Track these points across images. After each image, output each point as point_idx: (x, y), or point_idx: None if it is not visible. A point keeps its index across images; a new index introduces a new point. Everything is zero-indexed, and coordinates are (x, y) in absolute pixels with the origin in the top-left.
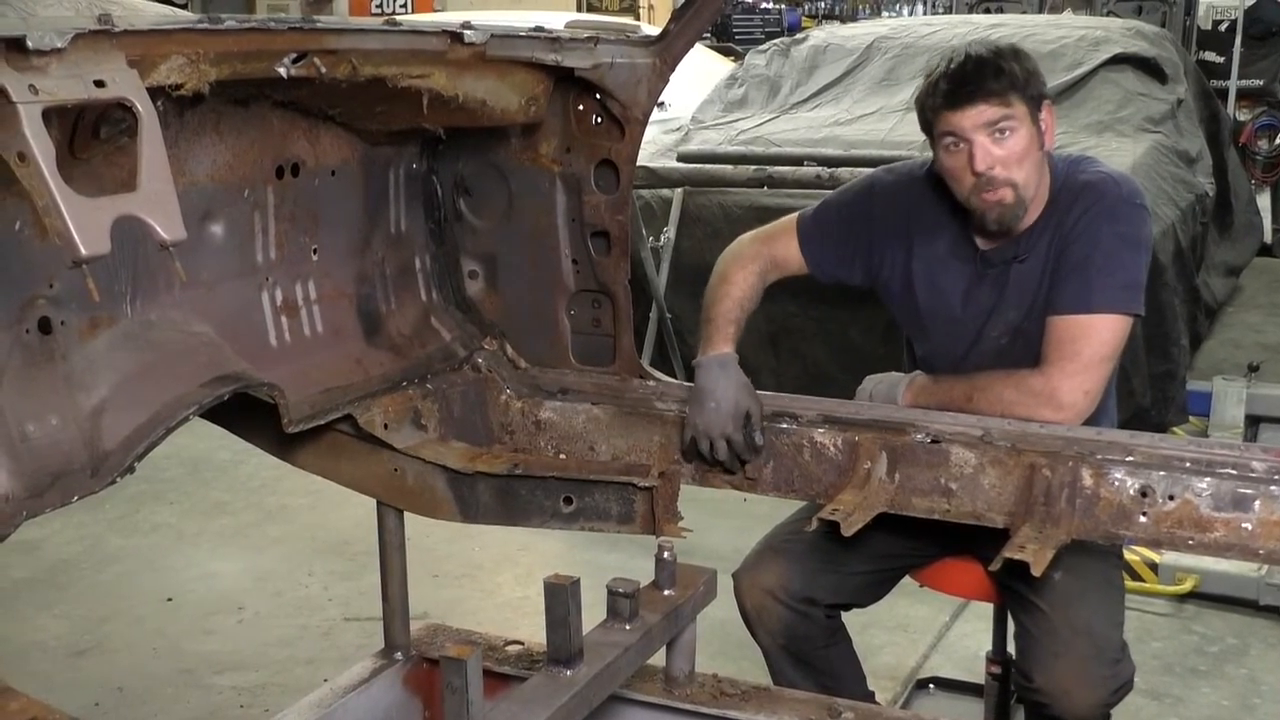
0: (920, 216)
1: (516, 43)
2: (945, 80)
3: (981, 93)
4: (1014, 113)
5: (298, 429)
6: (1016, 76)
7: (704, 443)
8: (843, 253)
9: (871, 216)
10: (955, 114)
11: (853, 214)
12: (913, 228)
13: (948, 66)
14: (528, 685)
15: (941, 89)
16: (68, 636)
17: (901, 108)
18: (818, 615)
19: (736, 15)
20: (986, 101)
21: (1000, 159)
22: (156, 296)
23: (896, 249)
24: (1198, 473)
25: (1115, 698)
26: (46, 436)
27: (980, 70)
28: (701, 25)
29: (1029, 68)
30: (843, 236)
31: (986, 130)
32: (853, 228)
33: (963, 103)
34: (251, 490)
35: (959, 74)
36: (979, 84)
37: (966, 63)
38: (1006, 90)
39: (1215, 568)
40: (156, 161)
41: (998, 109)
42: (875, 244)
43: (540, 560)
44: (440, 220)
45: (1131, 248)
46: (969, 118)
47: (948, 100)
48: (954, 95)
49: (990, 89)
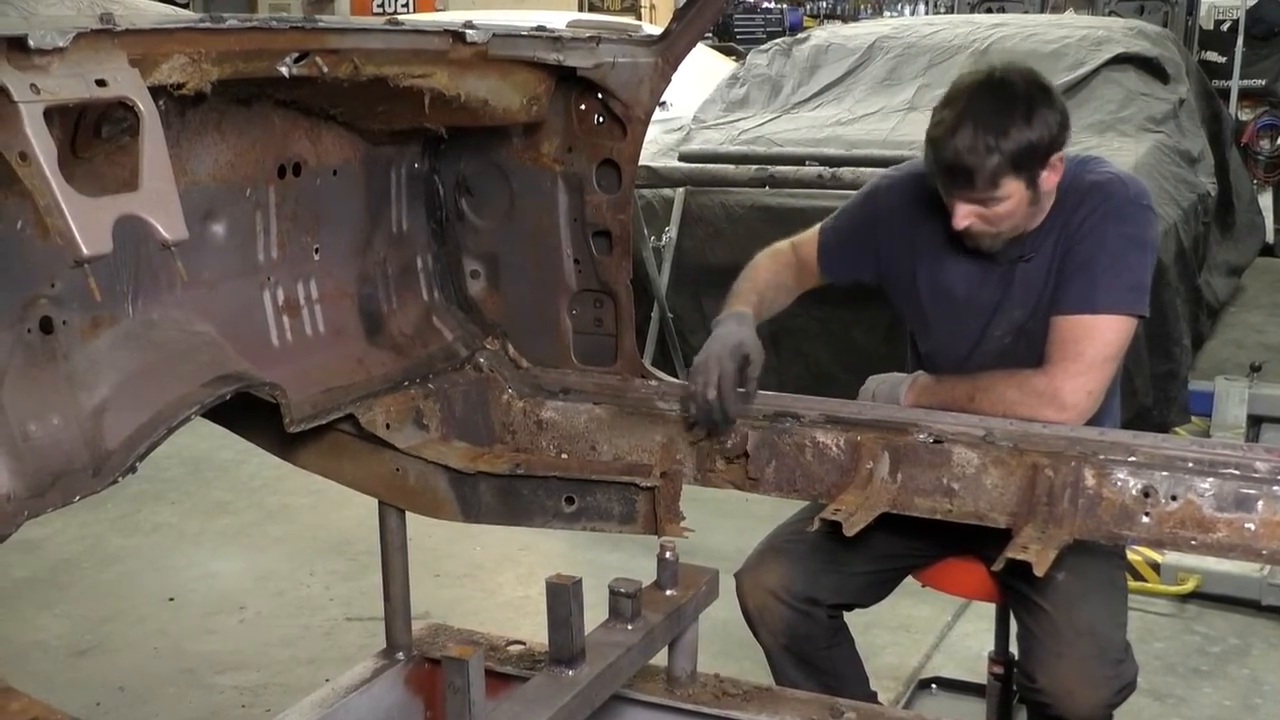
0: (922, 216)
1: (518, 42)
2: (938, 142)
3: (966, 182)
4: (1002, 194)
5: (299, 429)
6: (1010, 157)
7: (696, 379)
8: (855, 256)
9: (877, 217)
10: (940, 184)
11: (861, 217)
12: (916, 226)
13: (950, 120)
14: (530, 685)
15: (933, 152)
16: (69, 636)
17: (903, 107)
18: (820, 615)
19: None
20: (972, 189)
21: (982, 218)
22: (158, 296)
23: (901, 247)
24: (1200, 473)
25: (1118, 698)
26: (48, 436)
27: (970, 157)
28: (703, 25)
29: (1033, 134)
30: (854, 241)
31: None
32: (862, 230)
33: (947, 182)
34: (253, 490)
35: (947, 151)
36: (964, 174)
37: (961, 133)
38: (995, 177)
39: (1217, 568)
40: (158, 161)
41: (983, 193)
42: (882, 244)
43: (542, 560)
44: (442, 220)
45: (1138, 249)
46: (953, 194)
47: (935, 169)
48: (941, 171)
49: (973, 181)
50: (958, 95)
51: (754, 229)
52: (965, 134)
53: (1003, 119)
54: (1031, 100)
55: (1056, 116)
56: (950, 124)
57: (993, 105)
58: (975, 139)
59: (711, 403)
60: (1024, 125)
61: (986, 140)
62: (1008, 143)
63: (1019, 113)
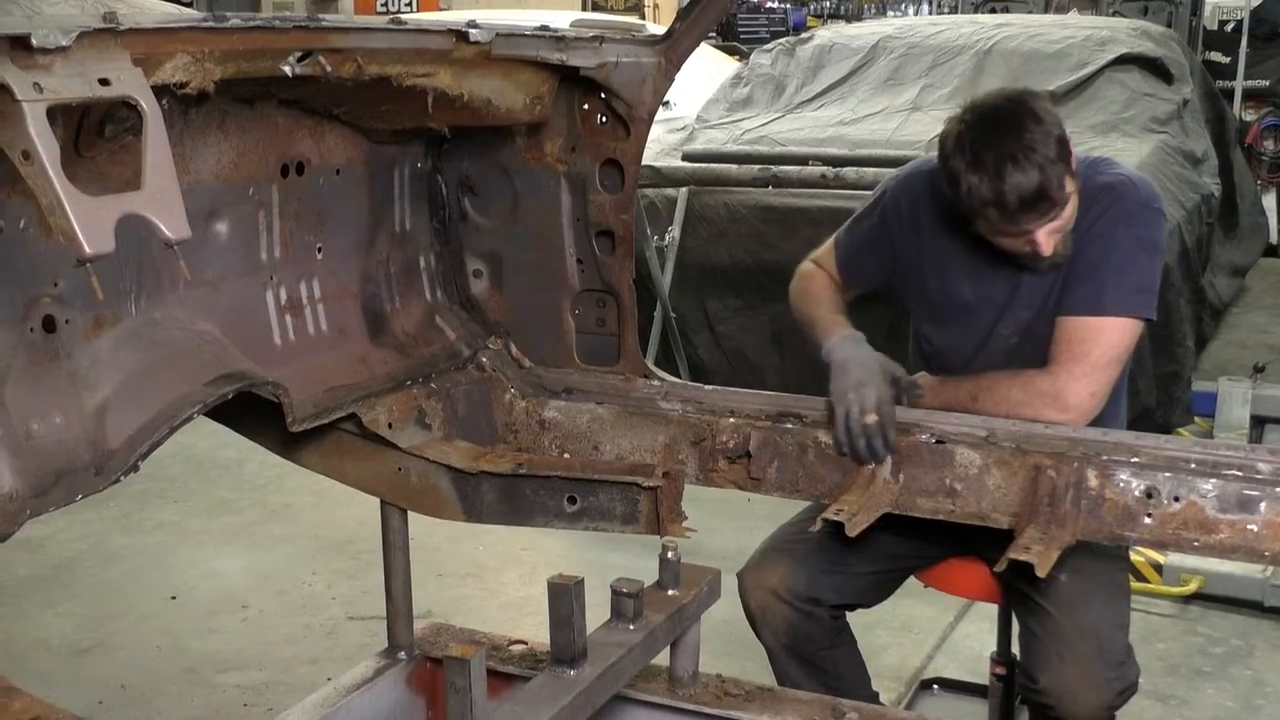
0: (930, 214)
1: (521, 42)
2: (1000, 197)
3: (1045, 207)
4: (1070, 191)
5: (302, 428)
6: (1055, 161)
7: (854, 407)
8: (875, 262)
9: (886, 220)
10: (1021, 226)
11: (872, 222)
12: (923, 226)
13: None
14: (531, 685)
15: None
16: (72, 635)
17: (907, 107)
18: (822, 616)
19: (742, 14)
20: (1052, 208)
21: (1059, 230)
22: (161, 295)
23: (911, 247)
24: (1203, 474)
25: (1120, 700)
26: (51, 435)
27: (1033, 186)
28: (707, 24)
29: (1051, 132)
30: (871, 247)
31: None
32: (874, 235)
33: (1031, 219)
34: (255, 489)
35: (1013, 197)
36: (1043, 201)
37: (1012, 175)
38: (1061, 180)
39: (1220, 569)
40: (161, 160)
41: (1059, 206)
42: (896, 245)
43: (544, 560)
44: (445, 219)
45: (1147, 251)
46: (1039, 226)
47: (1011, 219)
48: (1018, 216)
49: (1052, 199)
50: (969, 151)
51: (757, 229)
52: (1012, 170)
53: (1020, 134)
54: (1022, 105)
55: (1044, 102)
56: (991, 175)
57: (1003, 131)
58: (1029, 170)
59: (871, 427)
60: (1035, 125)
61: (1028, 164)
62: (1044, 147)
63: (1027, 120)
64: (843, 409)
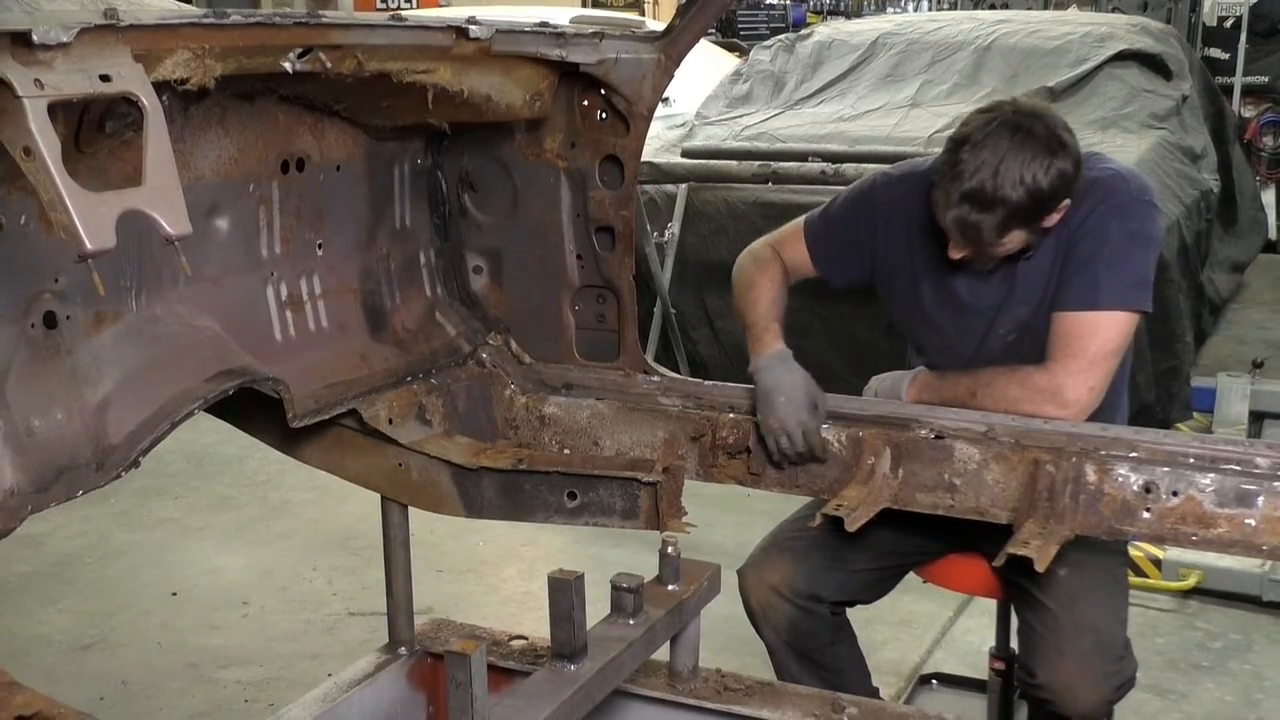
0: (921, 216)
1: (521, 38)
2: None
3: (974, 242)
4: (1006, 242)
5: (302, 424)
6: (1024, 215)
7: (780, 438)
8: (849, 254)
9: (874, 216)
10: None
11: (856, 215)
12: (914, 226)
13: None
14: (532, 680)
15: (946, 216)
16: (72, 631)
17: (906, 104)
18: (823, 612)
19: (741, 11)
20: (975, 246)
21: (978, 255)
22: (161, 291)
23: (899, 247)
24: (1201, 469)
25: (1118, 694)
26: (52, 431)
27: (978, 225)
28: (706, 21)
29: (1046, 188)
30: (848, 238)
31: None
32: (857, 228)
33: (952, 235)
34: (256, 485)
35: (960, 220)
36: (974, 240)
37: (968, 211)
38: (1005, 232)
39: (1219, 564)
40: (162, 156)
41: (988, 247)
42: (879, 242)
43: (544, 555)
44: (445, 215)
45: (1140, 245)
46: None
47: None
48: (951, 228)
49: (984, 241)
50: (977, 138)
51: (756, 225)
52: (976, 193)
53: (1018, 171)
54: (1047, 148)
55: (1070, 165)
56: (966, 174)
57: (1013, 157)
58: (985, 202)
59: (803, 455)
60: (1039, 179)
61: (997, 200)
62: (1020, 199)
63: (1037, 166)
64: (771, 441)
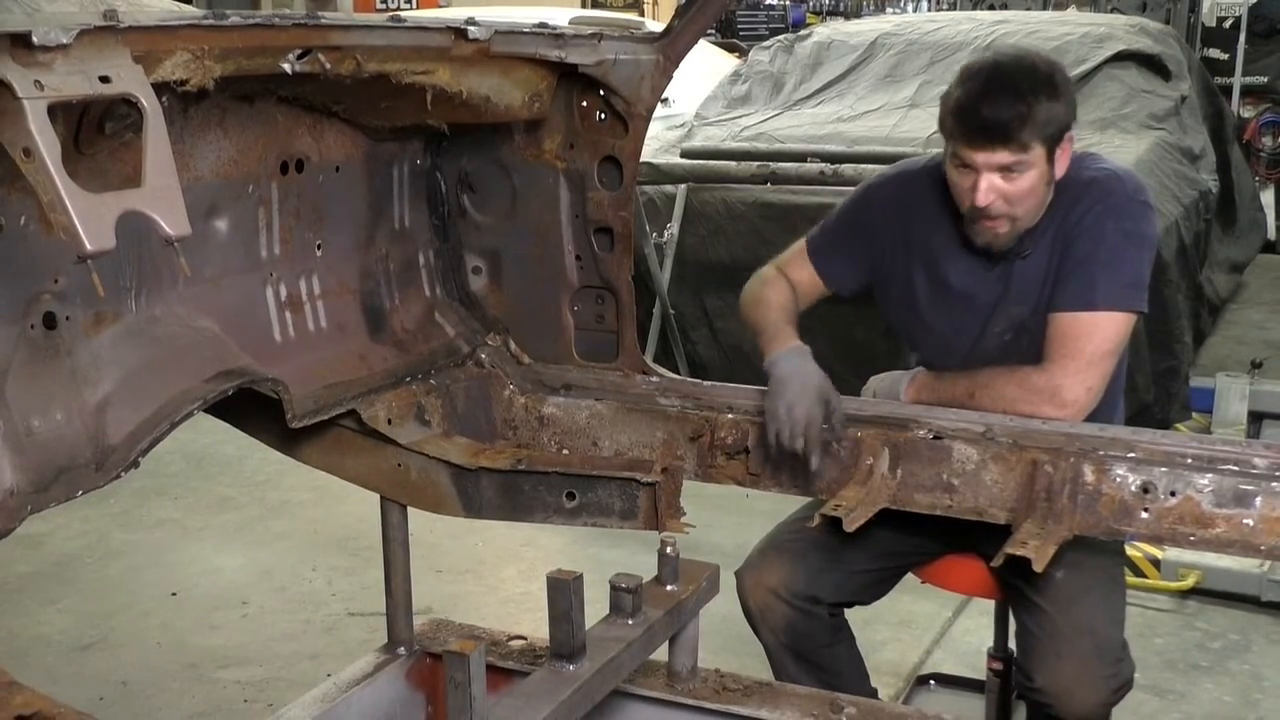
0: (919, 214)
1: (520, 39)
2: (967, 107)
3: (999, 138)
4: (1029, 158)
5: (302, 424)
6: (1039, 119)
7: (781, 427)
8: (853, 261)
9: (872, 219)
10: (969, 149)
11: (855, 220)
12: (912, 226)
13: (977, 87)
14: (531, 680)
15: (962, 117)
16: (72, 631)
17: (905, 104)
18: (821, 614)
19: (741, 11)
20: (1005, 146)
21: (1005, 194)
22: (161, 292)
23: (897, 248)
24: (1199, 469)
25: (1116, 697)
26: (51, 431)
27: (1003, 112)
28: (705, 21)
29: (1056, 104)
30: (850, 245)
31: (997, 168)
32: (857, 233)
33: (979, 143)
34: (255, 485)
35: (980, 110)
36: (998, 129)
37: (991, 94)
38: (1026, 136)
39: (1217, 564)
40: (161, 157)
41: (1013, 155)
42: (878, 245)
43: (543, 556)
44: (444, 216)
45: (1136, 245)
46: (982, 157)
47: (964, 134)
48: (971, 133)
49: (1009, 135)
50: (979, 69)
51: (755, 225)
52: (998, 96)
53: (1032, 85)
54: (1052, 76)
55: (1070, 97)
56: (978, 91)
57: (1020, 75)
58: (1008, 99)
59: (799, 451)
60: (1049, 96)
61: (1019, 106)
62: (1039, 107)
63: (1045, 84)
64: (773, 429)
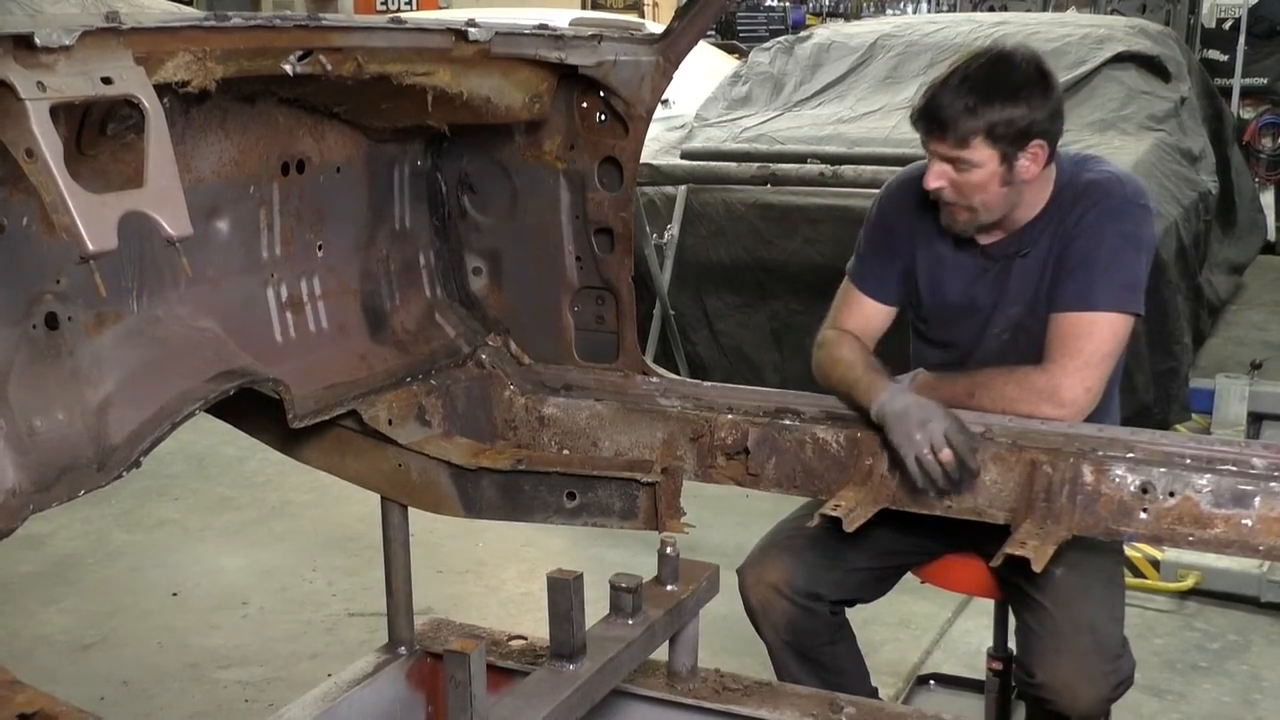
0: (921, 214)
1: (521, 40)
2: (928, 90)
3: (938, 129)
4: (971, 156)
5: (302, 424)
6: (984, 121)
7: (924, 446)
8: (891, 271)
9: (887, 224)
10: (920, 131)
11: (876, 234)
12: (915, 226)
13: (944, 74)
14: (531, 680)
15: (921, 98)
16: (73, 631)
17: (905, 105)
18: (822, 611)
19: (740, 13)
20: (943, 140)
21: (954, 184)
22: (163, 292)
23: (907, 248)
24: (1198, 469)
25: (1116, 693)
26: (53, 431)
27: (947, 107)
28: (705, 23)
29: (1015, 109)
30: (882, 259)
31: (943, 158)
32: (883, 245)
33: (922, 127)
34: (256, 486)
35: (932, 97)
36: (937, 121)
37: (948, 86)
38: (966, 133)
39: (1217, 564)
40: (163, 158)
41: (953, 149)
42: (898, 246)
43: (544, 556)
44: (445, 217)
45: (1134, 247)
46: (929, 142)
47: (917, 114)
48: (919, 116)
49: (946, 128)
50: (960, 58)
51: (755, 227)
52: (950, 88)
53: (991, 85)
54: (1026, 80)
55: (1047, 105)
56: (942, 77)
57: (986, 71)
58: (957, 94)
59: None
60: (1009, 98)
61: (968, 100)
62: (989, 109)
63: (1008, 85)
64: (912, 453)
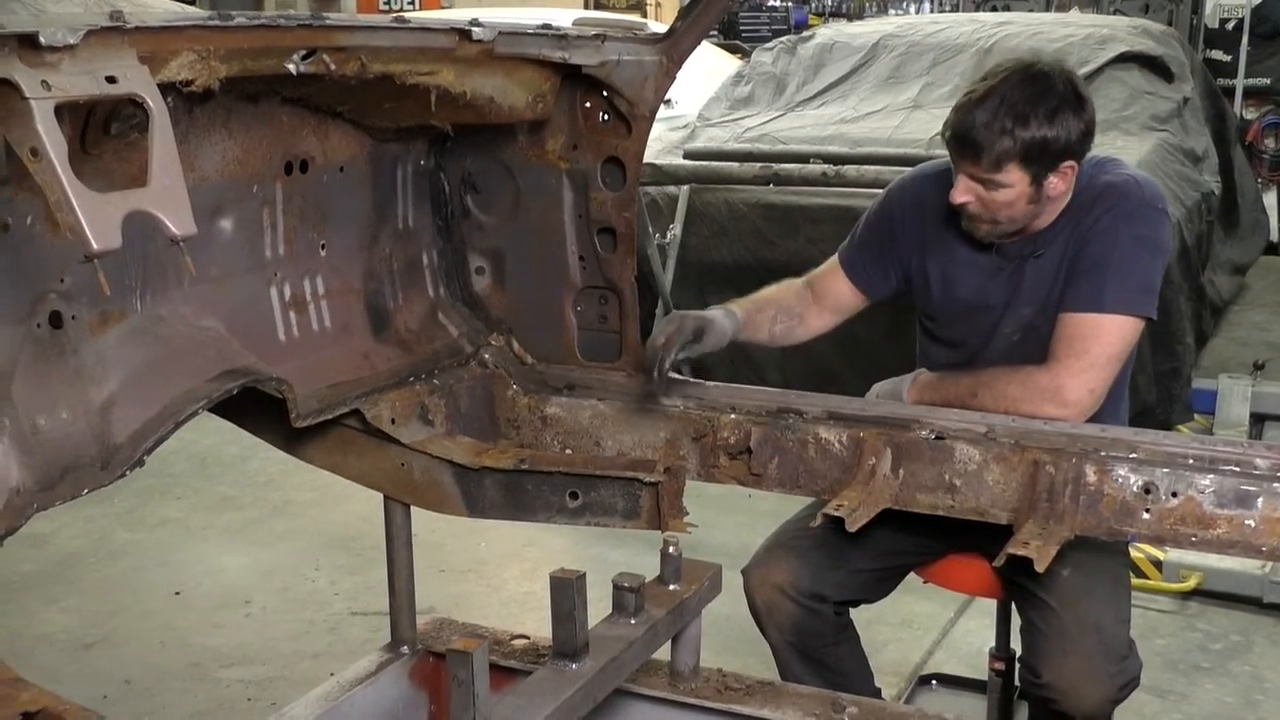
0: (934, 214)
1: (524, 40)
2: (959, 110)
3: (971, 153)
4: (1004, 179)
5: (305, 424)
6: (1021, 147)
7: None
8: (882, 266)
9: (893, 221)
10: (950, 151)
11: (878, 227)
12: (927, 225)
13: (978, 94)
14: (533, 679)
15: (952, 119)
16: (76, 629)
17: (907, 105)
18: (827, 612)
19: (743, 13)
20: (977, 164)
21: (982, 200)
22: (166, 291)
23: (916, 248)
24: (1201, 470)
25: (1122, 694)
26: (57, 430)
27: (982, 133)
28: (708, 23)
29: (1052, 131)
30: (877, 252)
31: (975, 179)
32: (882, 239)
33: (954, 149)
34: (259, 485)
35: (965, 120)
36: (971, 146)
37: (983, 108)
38: (1001, 159)
39: (1219, 565)
40: (167, 157)
41: (985, 172)
42: (901, 248)
43: (546, 555)
44: (448, 216)
45: (1149, 250)
46: (959, 165)
47: (948, 136)
48: (951, 139)
49: (980, 153)
50: (994, 73)
51: (758, 227)
52: (987, 109)
53: (1027, 107)
54: (1063, 100)
55: (1081, 125)
56: (977, 97)
57: (1023, 92)
58: (994, 117)
59: (656, 349)
60: (1046, 121)
61: (1004, 121)
62: (1025, 131)
63: (1045, 107)
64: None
